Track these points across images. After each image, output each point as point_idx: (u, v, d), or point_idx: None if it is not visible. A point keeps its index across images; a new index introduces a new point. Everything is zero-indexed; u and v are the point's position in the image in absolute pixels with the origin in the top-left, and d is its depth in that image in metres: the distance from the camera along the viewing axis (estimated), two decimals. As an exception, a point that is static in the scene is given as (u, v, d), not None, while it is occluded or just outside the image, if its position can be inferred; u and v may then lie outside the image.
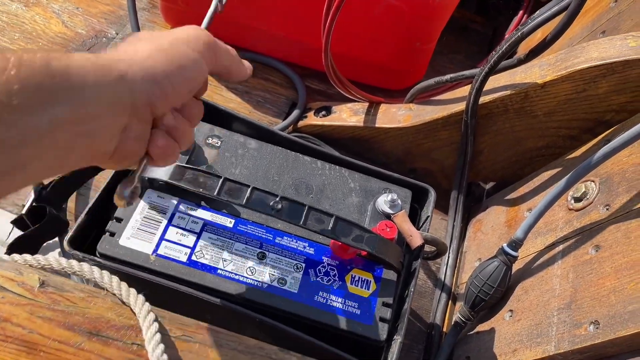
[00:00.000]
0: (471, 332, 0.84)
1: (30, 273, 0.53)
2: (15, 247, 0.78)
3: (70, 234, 0.60)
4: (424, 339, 0.91)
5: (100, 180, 0.89)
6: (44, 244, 0.83)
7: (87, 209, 0.62)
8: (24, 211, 0.78)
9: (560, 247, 0.77)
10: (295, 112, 1.05)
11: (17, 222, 0.80)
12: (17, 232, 0.81)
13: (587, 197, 0.77)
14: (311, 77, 1.14)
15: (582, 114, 0.85)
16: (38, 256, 0.55)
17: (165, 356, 0.49)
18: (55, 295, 0.53)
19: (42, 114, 0.35)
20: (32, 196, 0.80)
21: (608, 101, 0.81)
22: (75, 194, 0.89)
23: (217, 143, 0.71)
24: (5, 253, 0.77)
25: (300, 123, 1.05)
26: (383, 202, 0.71)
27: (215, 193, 0.62)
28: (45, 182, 0.81)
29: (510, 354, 0.74)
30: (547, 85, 0.83)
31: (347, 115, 1.04)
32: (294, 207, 0.63)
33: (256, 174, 0.71)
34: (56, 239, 0.83)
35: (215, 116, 0.74)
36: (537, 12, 0.82)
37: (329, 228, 0.62)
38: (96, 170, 0.84)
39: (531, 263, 0.81)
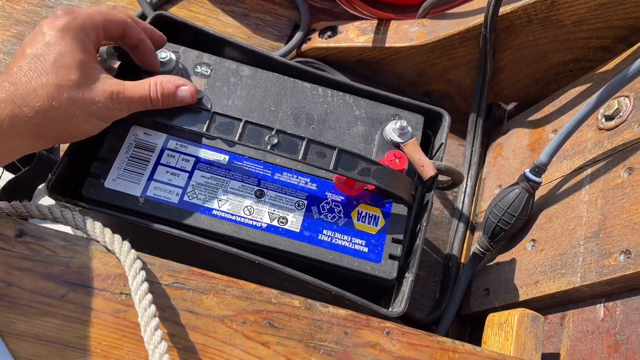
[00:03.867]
0: (490, 263, 0.80)
1: (5, 222, 0.49)
2: (8, 191, 0.74)
3: (49, 178, 0.55)
4: (440, 270, 0.87)
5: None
6: (40, 187, 0.79)
7: (66, 150, 0.57)
8: (14, 154, 0.74)
9: (589, 170, 0.71)
10: (298, 35, 0.97)
11: (7, 165, 0.76)
12: (9, 176, 0.77)
13: (620, 114, 0.69)
14: (314, -5, 1.05)
15: (616, 21, 0.76)
16: (15, 203, 0.51)
17: (153, 307, 0.46)
18: (35, 245, 0.49)
19: None
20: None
21: (647, 4, 0.72)
22: (68, 133, 0.85)
23: (206, 71, 0.65)
24: (-1, 198, 0.74)
25: (304, 46, 0.97)
26: (391, 130, 0.64)
27: (204, 129, 0.56)
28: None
29: (532, 286, 0.70)
30: (577, -11, 0.74)
31: (355, 35, 0.95)
32: (291, 140, 0.57)
33: (251, 105, 0.64)
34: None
35: (203, 41, 0.67)
36: None
37: (332, 162, 0.57)
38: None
39: (556, 189, 0.75)
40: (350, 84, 0.69)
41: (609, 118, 0.70)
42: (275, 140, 0.57)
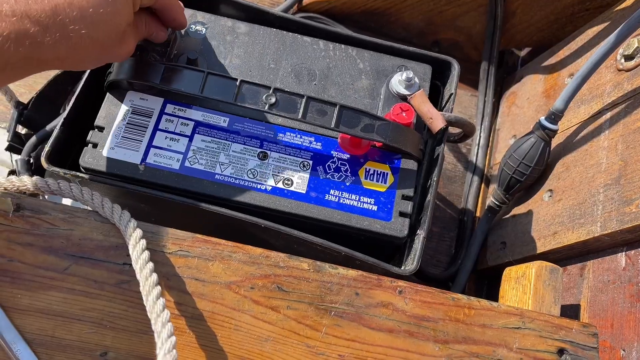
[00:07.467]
0: (506, 216, 0.78)
1: (2, 197, 0.48)
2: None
3: (46, 149, 0.54)
4: (455, 226, 0.85)
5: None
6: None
7: (61, 120, 0.55)
8: (8, 137, 0.72)
9: (608, 114, 0.67)
10: (299, -12, 0.93)
11: (11, 149, 0.75)
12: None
13: (641, 53, 0.65)
14: (315, -54, 1.00)
15: (636, -48, 0.71)
16: (12, 177, 0.50)
17: (154, 275, 0.45)
18: (34, 219, 0.48)
19: None
20: (14, 118, 0.73)
21: None
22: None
23: (201, 31, 0.62)
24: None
25: (305, 0, 0.93)
26: (397, 82, 0.61)
27: (198, 91, 0.54)
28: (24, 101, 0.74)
29: (550, 237, 0.68)
30: None
31: (357, -15, 0.91)
32: (290, 99, 0.54)
33: (249, 63, 0.61)
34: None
35: (197, -1, 0.64)
36: None
37: (333, 119, 0.54)
38: (76, 81, 0.76)
39: (573, 136, 0.71)
40: (352, 35, 0.65)
41: (628, 58, 0.66)
42: (273, 100, 0.54)
